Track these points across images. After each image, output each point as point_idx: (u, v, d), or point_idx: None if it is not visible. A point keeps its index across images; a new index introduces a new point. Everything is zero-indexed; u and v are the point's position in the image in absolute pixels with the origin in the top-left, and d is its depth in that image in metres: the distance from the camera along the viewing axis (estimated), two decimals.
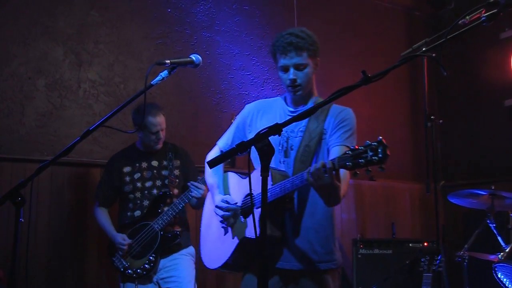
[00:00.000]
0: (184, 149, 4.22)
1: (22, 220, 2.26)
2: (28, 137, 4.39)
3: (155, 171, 4.04)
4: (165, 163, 4.06)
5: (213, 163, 2.12)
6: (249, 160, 2.06)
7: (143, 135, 4.01)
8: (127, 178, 4.02)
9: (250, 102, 2.99)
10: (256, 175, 2.59)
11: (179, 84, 5.10)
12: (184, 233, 4.01)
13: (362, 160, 2.03)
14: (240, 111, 2.99)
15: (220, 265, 2.76)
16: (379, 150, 2.00)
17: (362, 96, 6.08)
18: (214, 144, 3.02)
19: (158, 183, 4.01)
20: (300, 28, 2.69)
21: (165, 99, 4.89)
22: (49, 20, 4.57)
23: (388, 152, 1.98)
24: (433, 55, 2.20)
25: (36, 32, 4.50)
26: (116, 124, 4.59)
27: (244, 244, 2.65)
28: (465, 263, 4.21)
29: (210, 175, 2.93)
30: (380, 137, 2.00)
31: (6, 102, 4.34)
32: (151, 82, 2.46)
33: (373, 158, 2.00)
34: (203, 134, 5.14)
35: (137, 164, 4.05)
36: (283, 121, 2.66)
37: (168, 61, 2.47)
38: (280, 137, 2.66)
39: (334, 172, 2.23)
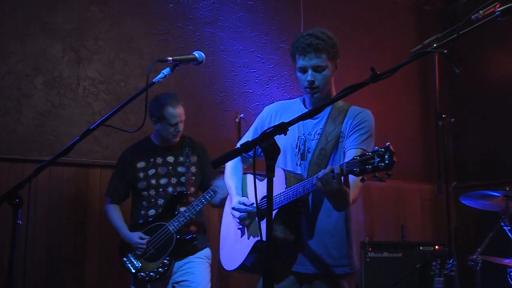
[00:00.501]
0: (202, 144, 4.14)
1: (20, 222, 2.26)
2: (26, 136, 4.40)
3: (170, 168, 3.94)
4: (181, 159, 3.97)
5: (217, 162, 2.12)
6: (255, 158, 2.07)
7: (161, 127, 3.91)
8: (141, 174, 3.93)
9: (254, 100, 3.01)
10: (276, 175, 2.63)
11: (182, 82, 5.11)
12: (200, 234, 3.92)
13: (369, 167, 2.09)
14: (244, 109, 3.02)
15: (236, 266, 2.81)
16: (386, 157, 2.05)
17: (371, 94, 6.07)
18: (218, 144, 3.04)
19: (174, 180, 3.92)
20: (321, 30, 2.74)
21: (168, 92, 4.88)
22: (47, 16, 4.58)
23: (394, 159, 2.03)
24: (445, 51, 2.19)
25: (34, 28, 4.51)
26: (117, 123, 4.60)
27: (259, 247, 2.70)
28: (478, 267, 4.20)
29: (229, 177, 3.00)
30: (388, 143, 2.06)
31: (3, 101, 4.35)
32: (153, 80, 2.47)
33: (380, 164, 2.06)
34: (207, 133, 5.14)
35: (152, 160, 3.95)
36: (301, 124, 2.74)
37: (170, 58, 2.47)
38: (298, 139, 2.74)
39: (343, 177, 2.29)
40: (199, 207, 3.77)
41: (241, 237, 2.83)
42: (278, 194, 2.56)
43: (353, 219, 2.86)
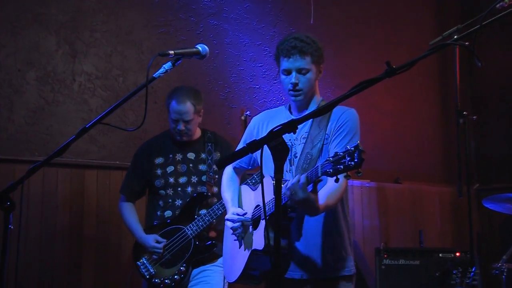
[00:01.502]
0: (227, 140, 4.07)
1: (12, 226, 2.27)
2: (17, 135, 4.42)
3: (191, 165, 3.87)
4: (203, 156, 3.89)
5: (221, 163, 2.18)
6: (261, 168, 2.23)
7: (169, 119, 3.87)
8: (159, 171, 3.86)
9: (261, 97, 3.09)
10: (265, 184, 2.74)
11: (184, 77, 5.11)
12: (219, 242, 3.76)
13: (341, 166, 2.21)
14: (250, 106, 3.07)
15: (236, 278, 2.96)
16: (355, 155, 2.15)
17: (386, 90, 6.06)
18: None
19: (194, 179, 3.85)
20: (305, 34, 2.90)
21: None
22: (40, 6, 4.60)
23: (363, 157, 2.13)
24: (466, 43, 2.18)
25: (25, 19, 4.53)
26: (115, 121, 4.61)
27: (254, 256, 2.81)
28: (503, 276, 4.18)
29: (225, 190, 3.18)
30: (358, 142, 2.18)
31: None
32: (153, 75, 2.47)
33: (350, 163, 2.17)
34: (210, 131, 5.15)
35: (171, 155, 3.88)
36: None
37: (172, 51, 2.48)
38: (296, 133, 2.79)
39: (311, 185, 2.47)
40: (220, 211, 3.69)
41: (239, 248, 2.97)
42: (267, 202, 2.73)
43: (367, 223, 2.96)
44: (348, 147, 2.20)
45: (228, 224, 2.95)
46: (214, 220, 3.73)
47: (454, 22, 4.64)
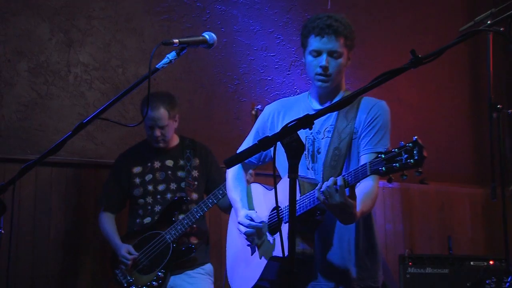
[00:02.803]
0: (206, 145, 4.28)
1: (2, 231, 2.29)
2: (7, 132, 4.44)
3: (169, 172, 4.08)
4: (181, 162, 4.11)
5: (230, 162, 2.15)
6: (274, 166, 2.15)
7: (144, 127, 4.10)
8: (137, 180, 4.08)
9: (274, 89, 3.07)
10: (283, 186, 2.69)
11: (190, 68, 5.12)
12: (202, 246, 4.06)
13: (397, 164, 2.14)
14: (261, 100, 3.06)
15: None
16: (415, 152, 2.09)
17: (410, 82, 6.04)
18: (231, 141, 3.07)
19: (173, 186, 4.06)
20: (340, 14, 2.85)
21: (172, 86, 4.92)
22: None
23: (425, 154, 2.07)
24: (501, 29, 2.17)
25: (16, 5, 4.55)
26: (114, 116, 4.63)
27: (272, 265, 2.77)
28: None
29: (232, 189, 3.10)
30: (415, 137, 2.10)
31: None
32: (156, 66, 2.48)
33: (409, 161, 2.10)
34: (218, 127, 5.16)
35: (149, 164, 4.10)
36: None
37: (176, 40, 2.48)
38: (305, 140, 2.81)
39: (348, 189, 2.40)
40: (199, 214, 3.88)
41: (251, 255, 2.92)
42: (287, 206, 2.60)
43: (390, 228, 2.94)
44: (402, 142, 2.13)
45: (241, 229, 2.88)
46: (192, 223, 3.91)
47: (487, 6, 4.61)
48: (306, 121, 1.98)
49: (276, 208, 2.12)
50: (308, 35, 2.80)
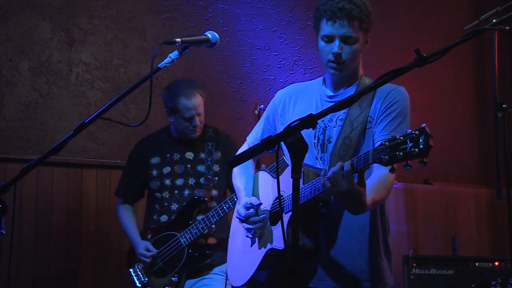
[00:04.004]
0: (229, 136, 4.12)
1: (4, 231, 2.29)
2: (9, 132, 4.45)
3: (189, 166, 3.93)
4: (202, 156, 3.96)
5: (233, 162, 2.12)
6: (277, 157, 2.06)
7: (175, 120, 3.92)
8: (154, 172, 3.95)
9: (277, 89, 3.02)
10: (287, 174, 2.59)
11: (192, 67, 5.12)
12: (219, 252, 3.81)
13: (401, 153, 1.97)
14: (264, 99, 3.03)
15: (245, 281, 2.79)
16: (421, 141, 1.93)
17: (415, 81, 6.02)
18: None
19: (191, 181, 3.91)
20: None
21: (185, 78, 4.90)
22: None
23: (431, 143, 1.91)
24: (507, 28, 2.17)
25: (17, 4, 4.56)
26: (116, 116, 4.64)
27: (271, 257, 2.66)
28: None
29: (237, 177, 2.99)
30: (424, 125, 1.95)
31: None
32: (158, 65, 2.48)
33: (413, 150, 1.94)
34: (221, 127, 5.13)
35: (168, 155, 3.96)
36: (319, 108, 2.67)
37: (179, 39, 2.48)
38: (316, 127, 2.66)
39: (356, 175, 2.24)
40: (215, 219, 3.73)
41: (251, 246, 2.81)
42: (290, 194, 2.53)
43: (394, 229, 2.81)
44: (409, 130, 1.97)
45: (239, 217, 2.78)
46: (207, 229, 3.75)
47: (492, 4, 4.61)
48: (309, 121, 1.97)
49: (279, 196, 2.04)
50: (320, 19, 2.65)
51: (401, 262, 5.06)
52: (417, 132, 1.94)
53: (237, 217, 2.81)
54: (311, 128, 2.15)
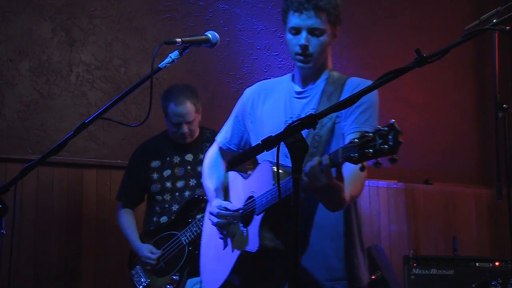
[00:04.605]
0: None
1: (4, 231, 2.29)
2: (9, 132, 4.45)
3: (189, 167, 3.99)
4: (201, 156, 3.95)
5: (233, 162, 2.11)
6: (278, 157, 2.03)
7: (167, 123, 3.99)
8: (155, 175, 4.00)
9: None
10: (259, 172, 2.59)
11: (192, 68, 5.12)
12: None
13: (370, 150, 1.90)
14: None
15: (219, 285, 2.74)
16: (390, 137, 1.85)
17: (415, 81, 6.03)
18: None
19: (192, 182, 3.96)
20: None
21: (184, 84, 4.89)
22: None
23: (400, 139, 1.84)
24: (507, 28, 2.17)
25: (17, 4, 4.56)
26: (116, 116, 4.64)
27: (245, 259, 2.62)
28: None
29: (207, 176, 2.95)
30: (393, 120, 1.88)
31: None
32: (159, 65, 2.48)
33: (383, 147, 1.86)
34: (221, 127, 5.14)
35: (168, 158, 4.02)
36: (288, 106, 2.66)
37: (179, 39, 2.48)
38: (284, 125, 2.59)
39: (334, 169, 2.19)
40: None
41: (224, 249, 2.76)
42: (265, 193, 2.49)
43: (394, 229, 2.77)
44: (379, 126, 1.90)
45: (212, 219, 2.73)
46: None
47: (493, 4, 4.61)
48: (310, 121, 1.97)
49: (279, 198, 2.02)
50: (287, 10, 2.63)
51: (402, 262, 5.07)
52: (386, 128, 1.87)
53: (209, 219, 2.78)
54: (281, 123, 2.12)
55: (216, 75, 5.27)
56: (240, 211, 2.70)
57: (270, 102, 2.77)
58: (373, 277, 5.02)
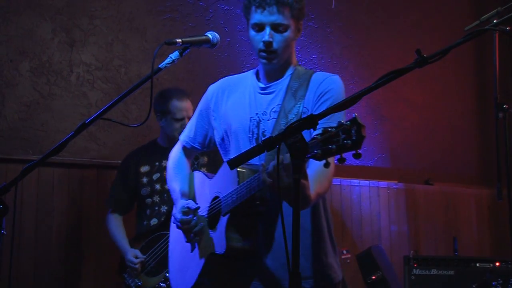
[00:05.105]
0: None
1: (5, 232, 2.29)
2: (9, 132, 4.45)
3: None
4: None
5: (234, 163, 2.08)
6: (278, 157, 2.00)
7: (165, 123, 4.06)
8: (145, 179, 4.09)
9: None
10: (223, 171, 2.57)
11: (192, 68, 5.12)
12: None
13: (334, 146, 1.84)
14: None
15: None
16: (353, 132, 1.80)
17: (415, 82, 6.03)
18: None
19: None
20: None
21: (175, 86, 4.91)
22: None
23: (363, 133, 1.79)
24: (507, 29, 2.17)
25: (18, 4, 4.56)
26: (117, 117, 4.63)
27: (213, 262, 2.60)
28: None
29: (172, 177, 2.90)
30: (355, 114, 1.84)
31: None
32: (159, 66, 2.48)
33: (346, 142, 1.81)
34: None
35: (157, 163, 4.10)
36: (253, 101, 2.65)
37: (179, 40, 2.49)
38: (250, 121, 2.62)
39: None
40: None
41: (191, 252, 2.73)
42: (230, 193, 2.47)
43: (395, 229, 2.73)
44: (341, 121, 1.84)
45: (177, 223, 2.68)
46: None
47: (493, 4, 4.61)
48: (310, 121, 1.96)
49: (279, 202, 1.97)
50: (249, 6, 2.59)
51: (402, 263, 5.07)
52: (348, 122, 1.82)
53: (174, 223, 2.73)
54: (247, 120, 2.09)
55: (216, 75, 5.22)
56: (202, 211, 2.67)
57: (235, 98, 2.74)
58: (373, 277, 5.02)
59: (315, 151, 1.90)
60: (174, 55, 2.50)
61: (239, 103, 2.69)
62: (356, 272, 5.10)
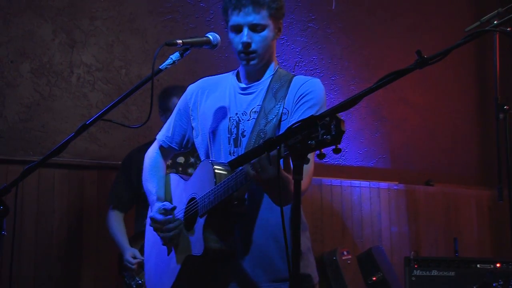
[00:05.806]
0: None
1: (5, 233, 2.30)
2: (10, 133, 4.45)
3: (180, 169, 4.02)
4: (192, 160, 4.03)
5: (234, 163, 2.09)
6: (279, 158, 2.00)
7: (166, 120, 4.03)
8: None
9: None
10: (200, 172, 2.55)
11: (193, 69, 5.12)
12: None
13: (313, 142, 1.84)
14: None
15: None
16: (332, 127, 1.80)
17: (416, 83, 6.03)
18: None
19: None
20: None
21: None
22: None
23: (343, 128, 1.79)
24: (508, 30, 2.17)
25: (18, 6, 4.56)
26: (117, 118, 4.63)
27: (191, 264, 2.58)
28: None
29: (148, 179, 2.87)
30: None
31: None
32: (160, 67, 2.48)
33: (325, 137, 1.80)
34: None
35: None
36: (233, 101, 2.65)
37: (180, 41, 2.49)
38: (229, 121, 2.61)
39: (282, 160, 2.13)
40: None
41: (168, 255, 2.70)
42: (207, 194, 2.46)
43: (395, 230, 2.72)
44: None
45: (153, 225, 2.66)
46: None
47: (493, 5, 4.61)
48: (310, 122, 1.96)
49: (280, 206, 1.95)
50: (227, 8, 2.59)
51: (402, 264, 5.07)
52: (327, 118, 1.83)
53: (150, 225, 2.70)
54: (226, 119, 2.11)
55: None
56: (179, 214, 2.66)
57: (214, 98, 2.73)
58: (374, 278, 5.03)
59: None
60: (175, 56, 2.50)
61: (218, 103, 2.68)
62: (357, 273, 5.10)
